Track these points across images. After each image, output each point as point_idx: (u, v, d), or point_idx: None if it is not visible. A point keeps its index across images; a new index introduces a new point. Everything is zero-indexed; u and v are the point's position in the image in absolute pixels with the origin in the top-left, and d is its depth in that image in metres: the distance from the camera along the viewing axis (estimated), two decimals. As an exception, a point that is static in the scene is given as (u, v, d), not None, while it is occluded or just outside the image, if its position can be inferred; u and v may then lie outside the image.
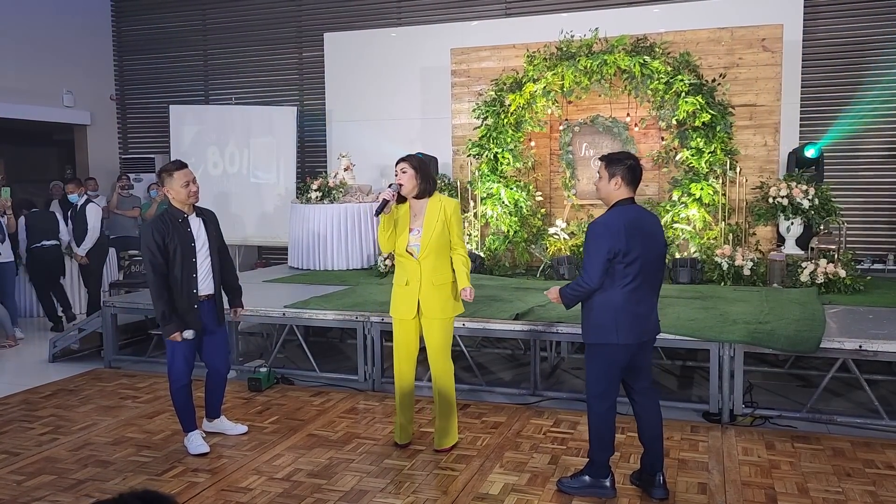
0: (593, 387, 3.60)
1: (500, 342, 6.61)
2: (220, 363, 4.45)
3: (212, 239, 4.28)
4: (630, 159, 3.57)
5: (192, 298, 4.18)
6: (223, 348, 4.47)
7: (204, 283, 4.24)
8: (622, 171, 3.51)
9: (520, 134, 7.92)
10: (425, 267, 4.07)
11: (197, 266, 4.19)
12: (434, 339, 4.15)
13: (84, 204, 8.07)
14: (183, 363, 4.25)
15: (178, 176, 4.14)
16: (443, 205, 4.12)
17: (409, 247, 4.11)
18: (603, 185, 3.57)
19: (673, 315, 5.31)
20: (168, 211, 4.22)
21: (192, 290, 4.18)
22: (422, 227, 4.09)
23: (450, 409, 4.26)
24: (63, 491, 3.82)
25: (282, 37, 10.61)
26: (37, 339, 7.61)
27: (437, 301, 4.09)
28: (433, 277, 4.07)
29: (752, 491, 3.70)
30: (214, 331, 4.35)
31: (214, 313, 4.33)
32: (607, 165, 3.55)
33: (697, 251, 7.26)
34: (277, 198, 9.96)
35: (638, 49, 7.43)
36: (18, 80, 9.77)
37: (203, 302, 4.25)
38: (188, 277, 4.16)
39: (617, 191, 3.53)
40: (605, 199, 3.60)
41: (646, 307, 3.53)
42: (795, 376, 5.75)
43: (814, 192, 7.07)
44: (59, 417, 5.01)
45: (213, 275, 4.29)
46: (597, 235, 3.45)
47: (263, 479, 3.92)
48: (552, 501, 3.61)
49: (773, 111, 7.47)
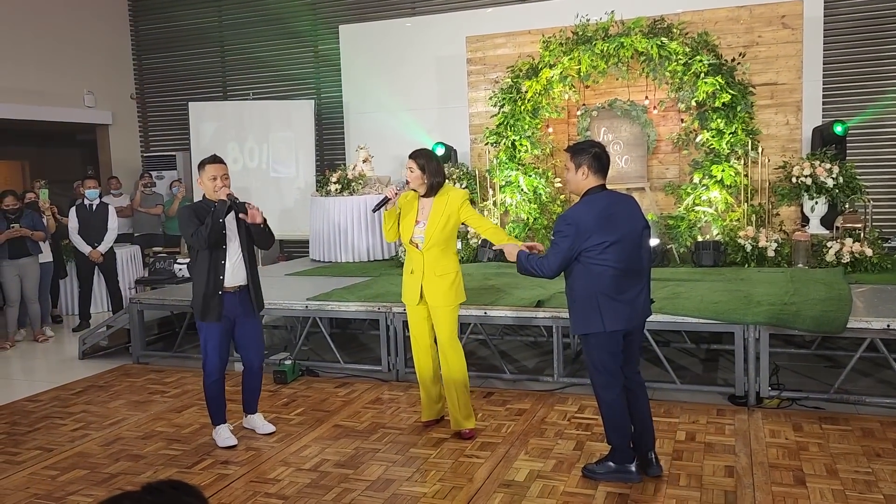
0: (595, 377, 3.62)
1: (522, 329, 6.61)
2: (254, 356, 4.47)
3: (243, 233, 4.31)
4: (595, 147, 3.57)
5: (217, 285, 4.23)
6: (257, 340, 4.47)
7: (233, 274, 4.28)
8: (588, 159, 3.51)
9: (537, 120, 7.88)
10: (428, 258, 4.17)
11: (226, 254, 4.25)
12: (439, 325, 4.25)
13: (102, 202, 8.15)
14: (216, 358, 4.29)
15: (207, 169, 4.22)
16: (449, 198, 4.19)
17: (413, 238, 4.22)
18: (571, 176, 3.58)
19: (696, 298, 5.27)
20: (203, 200, 4.29)
21: (219, 276, 4.23)
22: (427, 220, 4.17)
23: (461, 391, 4.28)
24: (96, 485, 3.89)
25: (297, 30, 10.64)
26: (67, 337, 7.75)
27: (439, 290, 4.18)
28: (436, 268, 4.17)
29: (779, 473, 3.68)
30: (247, 322, 4.38)
31: (248, 303, 4.36)
32: (573, 156, 3.56)
33: (720, 233, 7.18)
34: (297, 191, 10.02)
35: (655, 30, 7.34)
36: (41, 82, 9.90)
37: (232, 293, 4.29)
38: (216, 264, 4.22)
39: (585, 180, 3.53)
40: (574, 190, 3.63)
41: (631, 293, 3.49)
42: (822, 357, 5.69)
43: (838, 170, 6.96)
44: (90, 413, 5.11)
45: (245, 266, 4.32)
46: (561, 234, 3.46)
47: (291, 469, 3.97)
48: (578, 487, 3.61)
49: (795, 89, 7.36)
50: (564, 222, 3.47)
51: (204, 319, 4.25)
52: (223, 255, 4.23)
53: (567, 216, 3.50)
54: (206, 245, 4.15)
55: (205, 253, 4.21)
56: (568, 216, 3.49)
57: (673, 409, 4.68)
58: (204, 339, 4.30)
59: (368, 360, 5.99)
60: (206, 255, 4.21)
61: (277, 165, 10.13)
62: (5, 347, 7.21)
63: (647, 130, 7.75)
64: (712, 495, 3.47)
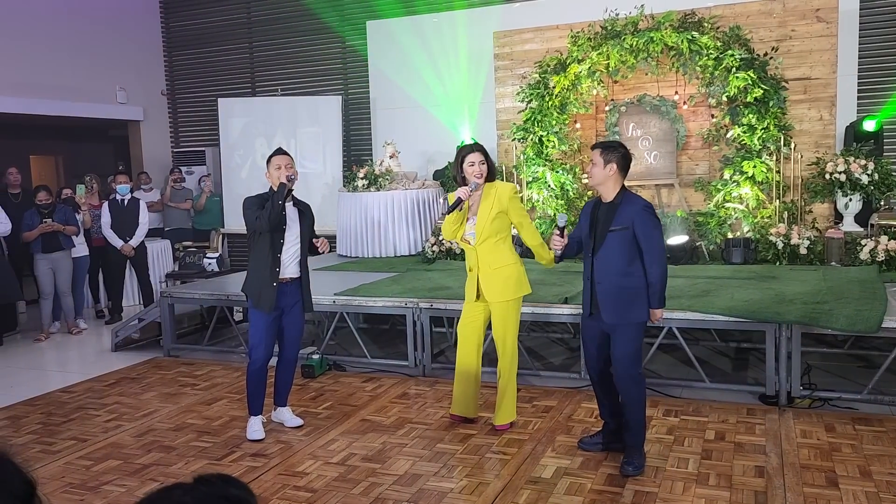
0: (635, 372, 3.71)
1: (548, 326, 6.59)
2: (292, 348, 4.54)
3: (304, 229, 4.41)
4: (624, 148, 3.77)
5: (273, 276, 4.30)
6: (298, 333, 4.54)
7: (289, 267, 4.36)
8: (617, 158, 3.70)
9: (565, 116, 7.84)
10: (481, 252, 4.19)
11: (283, 247, 4.32)
12: (496, 321, 4.26)
13: (134, 197, 8.26)
14: (263, 346, 4.36)
15: (273, 161, 4.33)
16: (497, 191, 4.20)
17: (465, 235, 4.25)
18: (598, 171, 3.75)
19: (726, 296, 5.21)
20: (270, 190, 4.36)
21: (276, 268, 4.30)
22: (476, 216, 4.21)
23: (508, 388, 4.32)
24: (129, 475, 3.96)
25: (325, 26, 10.68)
26: (100, 329, 7.89)
27: (495, 284, 4.18)
28: (490, 261, 4.18)
29: (811, 474, 3.63)
30: (293, 314, 4.45)
31: (298, 296, 4.45)
32: (603, 152, 3.72)
33: (751, 231, 7.08)
34: (325, 187, 10.07)
35: (686, 25, 7.25)
36: (74, 79, 10.07)
37: (287, 284, 4.37)
38: (273, 255, 4.29)
39: (611, 176, 3.71)
40: (598, 183, 3.78)
41: None
42: (856, 357, 5.59)
43: (873, 166, 6.83)
44: (123, 404, 5.20)
45: (299, 261, 4.42)
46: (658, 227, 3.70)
47: (319, 463, 4.01)
48: (605, 485, 3.59)
49: (829, 84, 7.22)
50: (653, 212, 3.71)
51: (258, 308, 4.33)
52: (280, 248, 4.31)
53: (649, 205, 3.72)
54: (267, 227, 4.23)
55: (264, 243, 4.29)
56: (649, 204, 3.72)
57: (702, 407, 4.63)
58: (254, 325, 4.39)
59: (394, 356, 6.02)
60: (266, 245, 4.29)
61: (305, 161, 10.19)
62: (40, 339, 7.36)
63: (677, 126, 7.66)
64: (742, 495, 3.43)
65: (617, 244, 3.65)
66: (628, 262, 3.64)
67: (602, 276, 3.72)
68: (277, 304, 4.34)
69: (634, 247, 3.64)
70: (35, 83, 9.47)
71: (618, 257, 3.66)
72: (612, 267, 3.68)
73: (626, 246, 3.64)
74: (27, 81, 9.36)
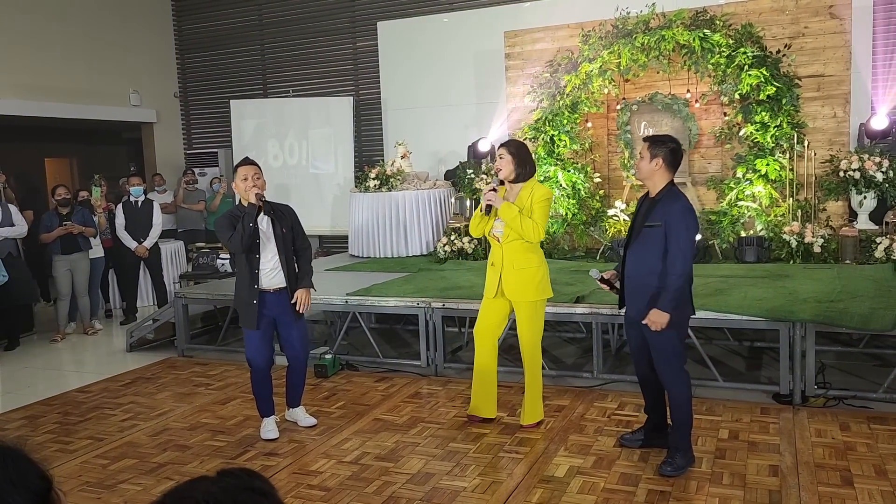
0: (678, 368, 3.64)
1: (560, 325, 6.58)
2: (297, 355, 4.50)
3: (280, 236, 4.31)
4: (673, 142, 3.68)
5: (252, 294, 4.27)
6: (300, 340, 4.48)
7: (270, 278, 4.31)
8: (665, 152, 3.61)
9: (576, 115, 7.83)
10: (507, 251, 4.17)
11: (260, 262, 4.27)
12: (521, 322, 4.26)
13: (147, 198, 8.32)
14: (258, 357, 4.35)
15: (238, 172, 4.27)
16: (533, 192, 4.15)
17: (493, 231, 4.22)
18: (644, 164, 3.67)
19: (740, 295, 5.19)
20: (238, 206, 4.34)
21: (254, 285, 4.27)
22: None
23: (530, 388, 4.34)
24: (145, 474, 4.00)
25: (336, 28, 10.72)
26: (115, 330, 7.96)
27: (518, 284, 4.17)
28: (514, 261, 4.16)
29: (826, 473, 3.61)
30: (290, 323, 4.41)
31: (289, 304, 4.38)
32: (651, 146, 3.66)
33: (764, 229, 7.05)
34: (336, 187, 10.10)
35: (697, 23, 7.23)
36: (88, 81, 10.16)
37: (272, 294, 4.32)
38: (251, 273, 4.27)
39: (657, 171, 3.62)
40: (644, 177, 3.71)
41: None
42: (870, 356, 5.55)
43: (888, 163, 6.77)
44: (138, 404, 5.24)
45: (283, 269, 4.32)
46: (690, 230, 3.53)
47: (333, 462, 4.03)
48: (618, 484, 3.59)
49: (843, 81, 7.17)
50: (691, 213, 3.57)
51: (243, 325, 4.37)
52: (257, 263, 4.26)
53: (689, 206, 3.59)
54: (242, 249, 4.20)
55: (242, 259, 4.27)
56: (689, 206, 3.59)
57: (715, 406, 4.62)
58: (246, 338, 4.41)
59: (407, 355, 6.03)
60: (243, 261, 4.27)
61: (317, 162, 10.23)
62: (56, 340, 7.44)
63: (689, 124, 7.63)
64: (756, 494, 3.42)
65: (650, 240, 3.57)
66: (660, 259, 3.55)
67: (633, 270, 3.67)
68: (265, 315, 4.32)
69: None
70: (49, 86, 9.57)
71: (650, 254, 3.57)
72: (643, 263, 3.61)
73: (659, 243, 3.53)
74: (42, 85, 9.46)
